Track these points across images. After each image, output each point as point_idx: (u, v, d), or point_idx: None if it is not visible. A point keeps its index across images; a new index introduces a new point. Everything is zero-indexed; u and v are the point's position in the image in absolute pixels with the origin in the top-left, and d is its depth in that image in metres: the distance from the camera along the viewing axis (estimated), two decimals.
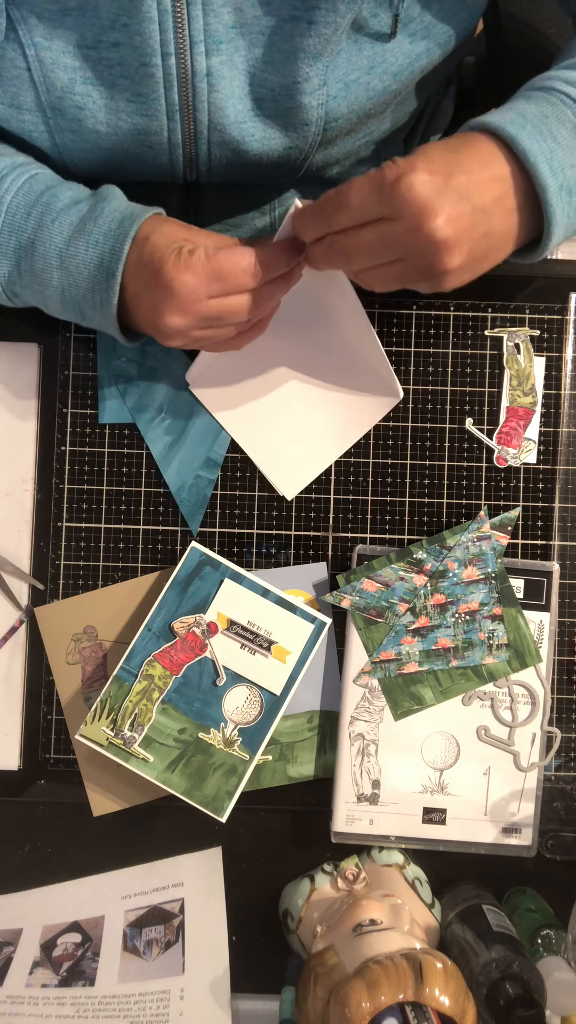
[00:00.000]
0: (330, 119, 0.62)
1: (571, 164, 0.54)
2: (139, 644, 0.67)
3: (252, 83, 0.59)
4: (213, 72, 0.58)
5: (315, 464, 0.71)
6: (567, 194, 0.54)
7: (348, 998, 0.52)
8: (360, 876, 0.66)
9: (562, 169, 0.53)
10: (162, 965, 0.63)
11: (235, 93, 0.59)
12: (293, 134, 0.62)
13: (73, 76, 0.58)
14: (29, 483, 0.71)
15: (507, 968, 0.57)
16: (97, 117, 0.60)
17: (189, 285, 0.55)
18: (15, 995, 0.62)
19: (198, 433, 0.70)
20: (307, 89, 0.59)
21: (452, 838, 0.67)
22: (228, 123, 0.61)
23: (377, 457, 0.71)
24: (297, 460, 0.71)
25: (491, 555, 0.68)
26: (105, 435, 0.71)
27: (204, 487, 0.70)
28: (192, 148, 0.63)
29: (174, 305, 0.56)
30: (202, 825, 0.67)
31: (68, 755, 0.70)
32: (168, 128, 0.61)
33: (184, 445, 0.70)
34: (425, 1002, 0.52)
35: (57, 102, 0.59)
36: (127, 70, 0.58)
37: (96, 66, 0.58)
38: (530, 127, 0.53)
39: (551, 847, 0.68)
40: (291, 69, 0.58)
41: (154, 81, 0.58)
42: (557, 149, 0.53)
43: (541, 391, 0.71)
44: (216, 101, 0.59)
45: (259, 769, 0.68)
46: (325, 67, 0.58)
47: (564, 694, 0.70)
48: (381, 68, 0.61)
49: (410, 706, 0.67)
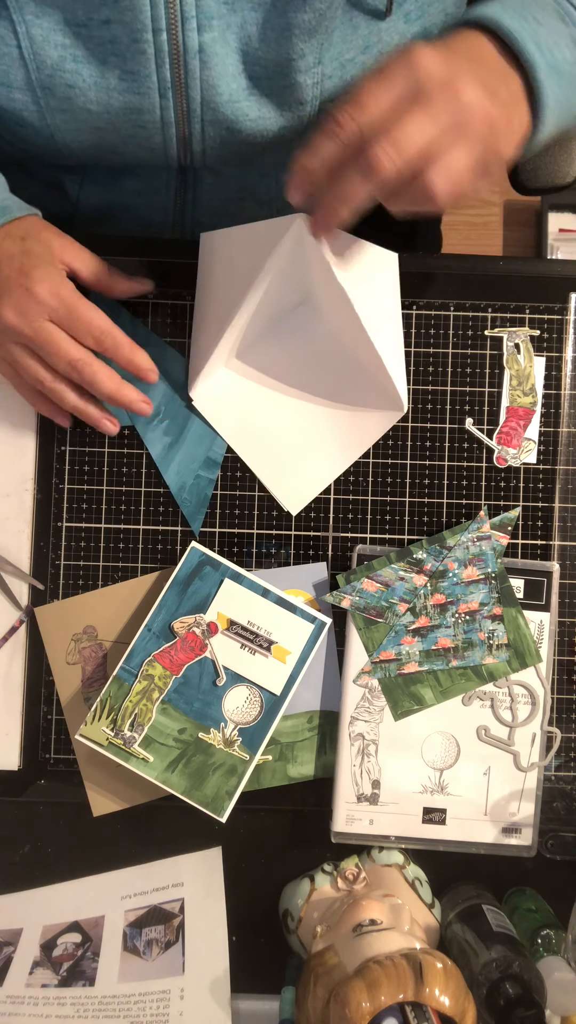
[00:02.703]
0: (325, 99, 0.61)
1: (556, 44, 0.53)
2: (139, 644, 0.67)
3: (245, 60, 0.59)
4: (205, 49, 0.57)
5: (319, 479, 0.70)
6: (556, 75, 0.53)
7: (348, 998, 0.52)
8: (360, 876, 0.66)
9: (549, 49, 0.53)
10: (162, 965, 0.63)
11: (228, 71, 0.59)
12: (288, 113, 0.62)
13: (63, 54, 0.57)
14: (29, 483, 0.71)
15: (507, 968, 0.57)
16: (88, 95, 0.59)
17: (43, 296, 0.58)
18: (15, 995, 0.62)
19: (196, 433, 0.70)
20: (301, 67, 0.59)
21: (452, 838, 0.67)
22: (221, 101, 0.60)
23: (377, 457, 0.71)
24: (301, 475, 0.70)
25: (491, 555, 0.68)
26: (105, 435, 0.71)
27: (205, 487, 0.70)
28: (185, 127, 0.62)
29: (19, 303, 0.58)
30: (202, 825, 0.67)
31: (68, 755, 0.70)
32: (160, 106, 0.60)
33: (183, 446, 0.70)
34: (425, 1002, 0.52)
35: (47, 80, 0.59)
36: (118, 47, 0.57)
37: (87, 43, 0.57)
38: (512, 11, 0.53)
39: (551, 847, 0.68)
40: (285, 46, 0.57)
41: (145, 58, 0.57)
42: (541, 30, 0.53)
43: (541, 391, 0.71)
44: (209, 79, 0.59)
45: (259, 769, 0.68)
46: (320, 45, 0.58)
47: (564, 694, 0.70)
48: (377, 48, 0.60)
49: (410, 706, 0.67)
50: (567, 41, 0.54)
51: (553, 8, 0.55)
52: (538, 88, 0.53)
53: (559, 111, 0.55)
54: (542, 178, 0.94)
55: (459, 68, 0.49)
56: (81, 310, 0.60)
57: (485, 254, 0.93)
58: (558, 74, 0.54)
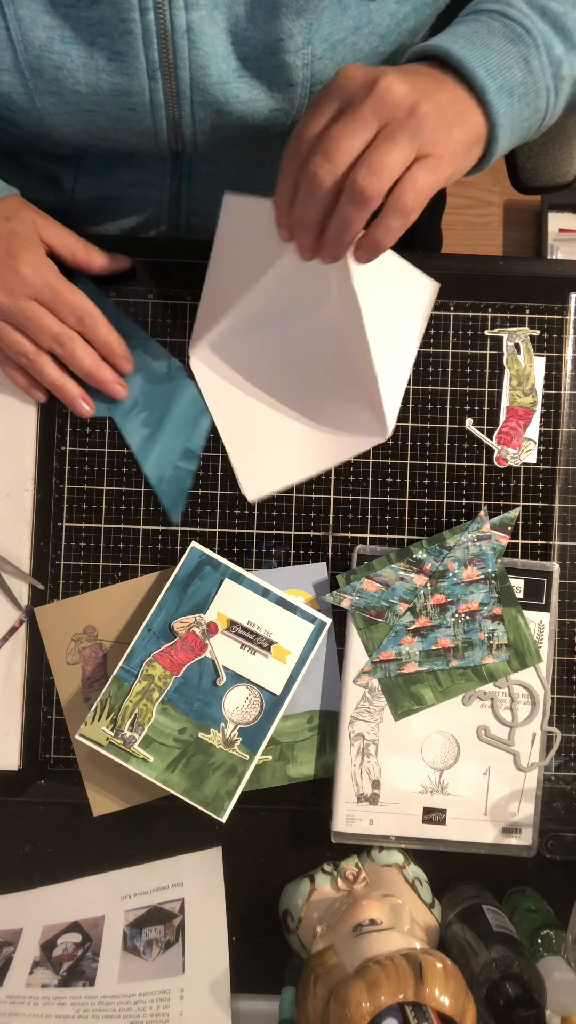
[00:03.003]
0: (316, 80, 0.61)
1: (507, 66, 0.55)
2: (139, 644, 0.67)
3: (235, 41, 0.59)
4: (193, 28, 0.57)
5: (284, 476, 0.70)
6: (507, 95, 0.55)
7: (348, 998, 0.52)
8: (360, 876, 0.66)
9: (499, 71, 0.54)
10: (162, 965, 0.63)
11: (217, 51, 0.59)
12: (278, 95, 0.62)
13: (51, 35, 0.57)
14: (29, 483, 0.71)
15: (507, 968, 0.57)
16: (76, 76, 0.59)
17: (29, 276, 0.62)
18: (15, 995, 0.62)
19: (175, 425, 0.70)
20: (291, 47, 0.58)
21: (452, 838, 0.67)
22: (211, 82, 0.60)
23: (377, 457, 0.71)
24: (268, 466, 0.70)
25: (491, 555, 0.68)
26: (105, 435, 0.71)
27: (184, 478, 0.70)
28: (175, 109, 0.62)
29: (6, 282, 0.62)
30: (202, 825, 0.67)
31: (68, 755, 0.70)
32: (149, 88, 0.60)
33: (161, 437, 0.70)
34: (425, 1002, 0.52)
35: (35, 62, 0.59)
36: (106, 28, 0.57)
37: (75, 24, 0.57)
38: (461, 40, 0.54)
39: (551, 847, 0.68)
40: (274, 26, 0.57)
41: (133, 38, 0.57)
42: (490, 54, 0.54)
43: (541, 391, 0.71)
44: (197, 59, 0.59)
45: (259, 769, 0.68)
46: (309, 25, 0.58)
47: (564, 694, 0.70)
48: (368, 29, 0.60)
49: (410, 706, 0.67)
50: (516, 61, 0.55)
51: (501, 30, 0.56)
52: (490, 109, 0.54)
53: (511, 127, 0.57)
54: (542, 177, 0.94)
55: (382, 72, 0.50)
56: (65, 291, 0.64)
57: (485, 254, 0.93)
58: (509, 94, 0.55)
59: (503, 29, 0.56)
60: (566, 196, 1.60)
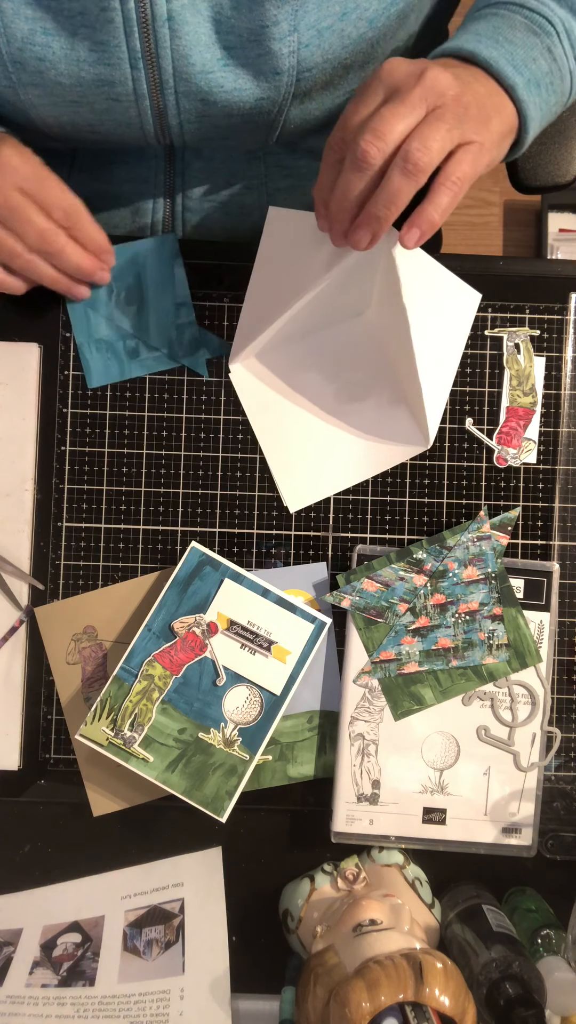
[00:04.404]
0: (303, 68, 0.61)
1: (532, 59, 0.57)
2: (139, 644, 0.67)
3: (218, 29, 0.59)
4: (175, 16, 0.57)
5: (326, 486, 0.70)
6: (535, 87, 0.57)
7: (348, 998, 0.52)
8: (360, 876, 0.66)
9: (525, 64, 0.57)
10: (162, 965, 0.63)
11: (200, 39, 0.59)
12: (264, 83, 0.61)
13: (33, 27, 0.57)
14: (29, 483, 0.71)
15: (507, 968, 0.57)
16: (59, 68, 0.59)
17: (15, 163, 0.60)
18: (15, 995, 0.62)
19: (156, 285, 0.69)
20: (276, 34, 0.58)
21: (452, 838, 0.67)
22: (194, 72, 0.60)
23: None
24: (310, 476, 0.70)
25: (491, 555, 0.68)
26: (105, 435, 0.71)
27: (190, 330, 0.70)
28: (159, 99, 0.62)
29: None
30: (202, 825, 0.67)
31: (68, 755, 0.70)
32: (132, 77, 0.60)
33: (150, 306, 0.69)
34: (425, 1002, 0.52)
35: (18, 54, 0.59)
36: (87, 18, 0.57)
37: (56, 16, 0.57)
38: (485, 39, 0.57)
39: (551, 847, 0.68)
40: (258, 12, 0.57)
41: (114, 27, 0.57)
42: (515, 49, 0.57)
43: (541, 391, 0.71)
44: (180, 48, 0.59)
45: (259, 769, 0.68)
46: (294, 11, 0.57)
47: (564, 694, 0.70)
48: (355, 14, 0.60)
49: (410, 706, 0.67)
50: (541, 52, 0.58)
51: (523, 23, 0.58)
52: (520, 104, 0.57)
53: (540, 116, 0.59)
54: (542, 176, 0.94)
55: (428, 64, 0.52)
56: (51, 183, 0.62)
57: (485, 254, 0.93)
58: (537, 86, 0.58)
59: (524, 22, 0.58)
60: (566, 196, 1.60)
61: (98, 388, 0.71)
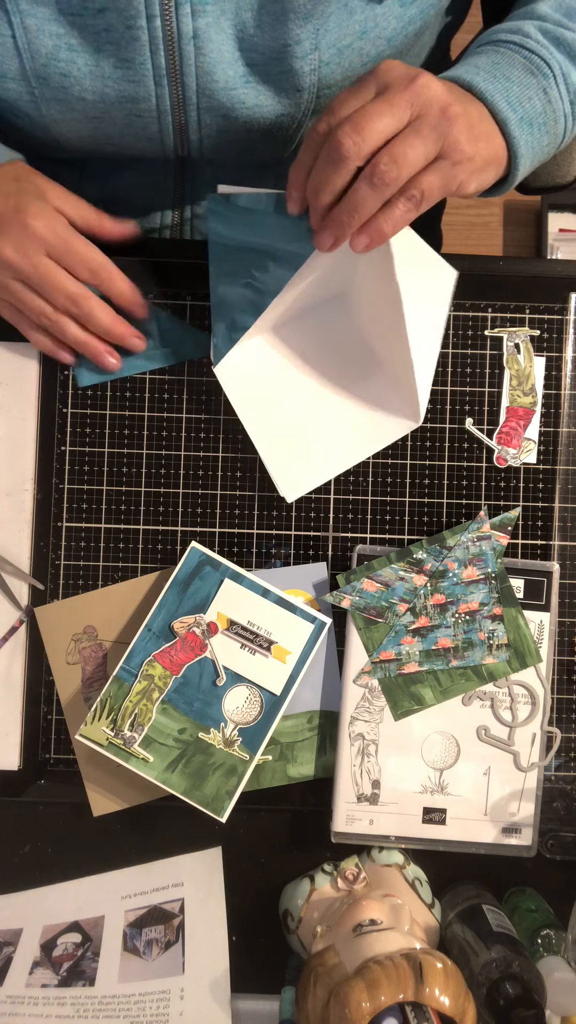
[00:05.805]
0: (323, 85, 0.61)
1: (527, 98, 0.58)
2: (139, 644, 0.67)
3: (241, 47, 0.59)
4: (200, 34, 0.58)
5: (321, 471, 0.69)
6: (528, 125, 0.58)
7: (348, 998, 0.52)
8: (360, 876, 0.66)
9: (520, 103, 0.57)
10: (162, 965, 0.63)
11: (224, 57, 0.59)
12: (285, 100, 0.62)
13: (58, 43, 0.58)
14: (29, 483, 0.71)
15: (507, 968, 0.57)
16: (83, 84, 0.60)
17: (40, 231, 0.60)
18: (15, 995, 0.62)
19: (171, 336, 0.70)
20: (298, 53, 0.59)
21: (452, 838, 0.67)
22: (217, 88, 0.60)
23: (377, 457, 0.71)
24: (304, 463, 0.69)
25: (491, 555, 0.68)
26: (105, 435, 0.71)
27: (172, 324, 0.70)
28: (181, 115, 0.62)
29: (17, 239, 0.60)
30: (202, 825, 0.67)
31: (68, 755, 0.70)
32: (156, 94, 0.60)
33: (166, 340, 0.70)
34: (425, 1002, 0.52)
35: (42, 70, 0.59)
36: (113, 35, 0.57)
37: (81, 32, 0.57)
38: (483, 73, 0.57)
39: (551, 847, 0.68)
40: (281, 31, 0.58)
41: (139, 44, 0.57)
42: (511, 86, 0.57)
43: (541, 391, 0.71)
44: (204, 65, 0.59)
45: (259, 769, 0.68)
46: (316, 30, 0.58)
47: (564, 694, 0.70)
48: (374, 33, 0.61)
49: (410, 706, 0.67)
50: (536, 92, 0.58)
51: (521, 63, 0.59)
52: (511, 140, 0.57)
53: (531, 155, 0.60)
54: (542, 178, 0.94)
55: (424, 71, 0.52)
56: (77, 244, 0.62)
57: (485, 254, 0.93)
58: (530, 124, 0.58)
59: (523, 62, 0.58)
60: (566, 196, 1.60)
61: (98, 388, 0.71)
